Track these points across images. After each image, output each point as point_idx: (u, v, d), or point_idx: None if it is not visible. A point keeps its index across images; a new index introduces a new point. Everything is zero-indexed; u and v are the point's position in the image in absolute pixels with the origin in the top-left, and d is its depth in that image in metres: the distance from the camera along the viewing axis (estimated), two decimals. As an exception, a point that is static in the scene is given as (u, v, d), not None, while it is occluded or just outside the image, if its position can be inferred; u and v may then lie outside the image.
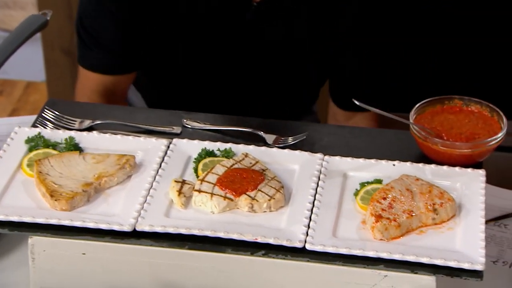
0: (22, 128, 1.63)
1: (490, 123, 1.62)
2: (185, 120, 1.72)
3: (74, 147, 1.60)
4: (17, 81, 3.60)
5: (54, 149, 1.59)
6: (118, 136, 1.64)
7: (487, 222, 1.69)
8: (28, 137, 1.61)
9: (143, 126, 1.70)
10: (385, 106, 1.62)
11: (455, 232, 1.43)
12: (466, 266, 1.35)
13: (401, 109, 1.76)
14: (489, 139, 1.57)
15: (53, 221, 1.44)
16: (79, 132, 1.64)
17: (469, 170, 1.55)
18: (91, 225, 1.44)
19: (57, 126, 1.68)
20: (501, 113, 1.62)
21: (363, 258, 1.39)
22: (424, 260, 1.37)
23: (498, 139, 1.57)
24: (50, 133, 1.63)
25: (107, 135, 1.64)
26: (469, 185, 1.51)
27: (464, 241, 1.40)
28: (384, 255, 1.38)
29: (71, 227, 1.44)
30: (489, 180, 1.56)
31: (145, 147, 1.61)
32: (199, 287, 1.47)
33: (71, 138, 1.61)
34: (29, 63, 3.32)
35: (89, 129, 1.68)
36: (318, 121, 2.21)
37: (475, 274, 1.36)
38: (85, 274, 1.49)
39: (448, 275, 1.36)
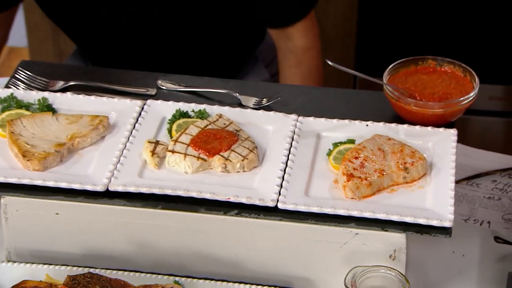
0: (-6, 89, 1.62)
1: (462, 83, 1.63)
2: (160, 82, 1.72)
3: (47, 108, 1.59)
4: (0, 47, 3.57)
5: (27, 110, 1.59)
6: (92, 97, 1.63)
7: (459, 181, 1.71)
8: (1, 98, 1.60)
9: (118, 88, 1.69)
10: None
11: (426, 190, 1.44)
12: (435, 223, 1.37)
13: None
14: (461, 99, 1.58)
15: (26, 181, 1.44)
16: (52, 93, 1.63)
17: (441, 129, 1.56)
18: (64, 185, 1.44)
19: (30, 87, 1.67)
20: (474, 73, 1.62)
21: (335, 217, 1.40)
22: (394, 217, 1.38)
23: (470, 99, 1.58)
24: (23, 94, 1.62)
25: (80, 96, 1.63)
26: (441, 145, 1.53)
27: (434, 199, 1.42)
28: (355, 213, 1.39)
29: (44, 187, 1.45)
30: (462, 141, 1.57)
31: (119, 108, 1.61)
32: (173, 247, 1.48)
33: (44, 99, 1.60)
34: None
35: (63, 90, 1.67)
36: (258, 60, 2.18)
37: (444, 231, 1.37)
38: (59, 234, 1.49)
39: (417, 232, 1.38)
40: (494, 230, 1.61)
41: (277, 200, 1.42)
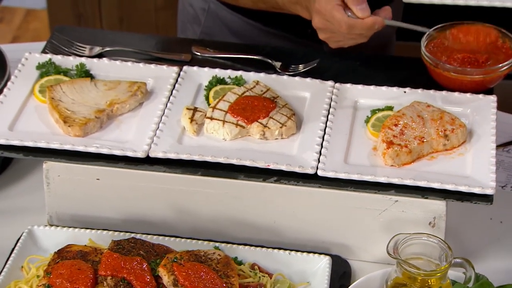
0: (33, 54, 1.63)
1: (501, 49, 1.61)
2: (194, 48, 1.71)
3: (85, 73, 1.60)
4: (17, 8, 3.56)
5: (65, 75, 1.59)
6: (129, 63, 1.63)
7: (496, 148, 1.70)
8: (39, 63, 1.60)
9: (153, 54, 1.69)
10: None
11: (466, 157, 1.44)
12: (476, 190, 1.37)
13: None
14: (501, 65, 1.57)
15: (67, 147, 1.45)
16: (89, 59, 1.63)
17: (480, 96, 1.55)
18: (105, 151, 1.45)
19: (67, 53, 1.67)
20: (513, 38, 1.61)
21: (374, 184, 1.41)
22: (435, 185, 1.38)
23: (510, 65, 1.57)
24: (61, 59, 1.63)
25: (117, 62, 1.63)
26: (480, 111, 1.52)
27: (474, 167, 1.42)
28: (395, 181, 1.39)
29: (85, 153, 1.46)
30: (498, 107, 1.56)
31: (155, 75, 1.61)
32: (212, 213, 1.49)
33: (82, 65, 1.61)
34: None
35: (99, 55, 1.67)
36: None
37: (485, 198, 1.38)
38: (99, 199, 1.51)
39: (458, 199, 1.38)
40: (531, 197, 1.60)
41: (317, 168, 1.42)
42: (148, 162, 1.46)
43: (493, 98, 1.54)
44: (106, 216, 1.52)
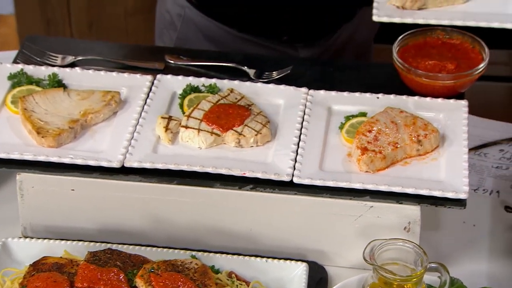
0: (4, 64, 1.61)
1: (471, 54, 1.63)
2: (167, 56, 1.71)
3: (58, 83, 1.59)
4: (-16, 14, 3.52)
5: (38, 85, 1.58)
6: (102, 72, 1.62)
7: (468, 151, 1.72)
8: (11, 74, 1.59)
9: (126, 62, 1.68)
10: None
11: (439, 162, 1.46)
12: (450, 195, 1.39)
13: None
14: (471, 70, 1.59)
15: (41, 158, 1.44)
16: (62, 69, 1.62)
17: (452, 101, 1.57)
18: (79, 161, 1.44)
19: (39, 62, 1.66)
20: (483, 44, 1.63)
21: (350, 190, 1.42)
22: (409, 190, 1.40)
23: (480, 70, 1.59)
24: (33, 69, 1.61)
25: (90, 71, 1.62)
26: (452, 116, 1.54)
27: (447, 171, 1.43)
28: (370, 187, 1.40)
29: (59, 164, 1.45)
30: (470, 110, 1.58)
31: (129, 83, 1.60)
32: (188, 222, 1.49)
33: (55, 75, 1.60)
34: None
35: (72, 65, 1.66)
36: None
37: (459, 203, 1.39)
38: (74, 210, 1.50)
39: (432, 204, 1.40)
40: (503, 199, 1.63)
41: (292, 175, 1.43)
42: (123, 172, 1.45)
43: (464, 103, 1.57)
44: (82, 227, 1.51)
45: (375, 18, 1.53)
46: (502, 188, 1.66)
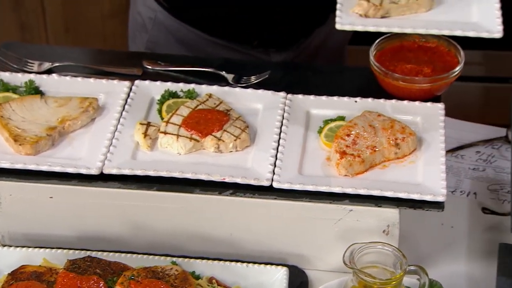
0: (-20, 73, 1.60)
1: (447, 57, 1.65)
2: (145, 61, 1.70)
3: (34, 90, 1.58)
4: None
5: (14, 92, 1.57)
6: (79, 79, 1.62)
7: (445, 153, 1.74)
8: (-13, 82, 1.58)
9: (103, 68, 1.68)
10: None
11: (417, 165, 1.47)
12: (428, 198, 1.40)
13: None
14: (447, 74, 1.60)
15: (19, 166, 1.43)
16: (38, 75, 1.61)
17: (429, 104, 1.58)
18: (57, 169, 1.43)
19: (15, 69, 1.64)
20: (458, 47, 1.65)
21: (329, 194, 1.42)
22: (388, 194, 1.41)
23: (456, 73, 1.61)
24: (9, 76, 1.60)
25: (67, 77, 1.62)
26: (429, 119, 1.55)
27: (425, 174, 1.44)
28: (350, 191, 1.41)
29: (37, 171, 1.44)
30: (445, 112, 1.59)
31: (107, 90, 1.60)
32: (168, 227, 1.49)
33: (31, 82, 1.59)
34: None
35: (48, 71, 1.65)
36: None
37: (437, 205, 1.40)
38: (52, 217, 1.49)
39: (411, 207, 1.41)
40: (480, 201, 1.64)
41: (272, 180, 1.43)
42: (102, 178, 1.45)
43: (441, 106, 1.58)
44: (60, 234, 1.50)
45: (338, 26, 1.55)
46: (479, 190, 1.67)
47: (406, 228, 1.55)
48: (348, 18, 1.56)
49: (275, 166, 1.46)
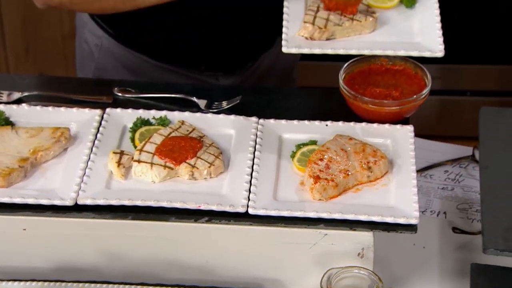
0: None
1: (415, 80, 1.68)
2: (115, 89, 1.70)
3: (5, 121, 1.56)
4: None
5: (-16, 124, 1.56)
6: (50, 108, 1.61)
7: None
8: (-44, 114, 1.56)
9: (73, 97, 1.67)
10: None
11: (389, 188, 1.49)
12: (401, 221, 1.42)
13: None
14: (415, 96, 1.63)
15: (-9, 199, 1.42)
16: (8, 105, 1.60)
17: (398, 126, 1.61)
18: (31, 201, 1.42)
19: (-16, 100, 1.63)
20: (425, 69, 1.68)
21: (304, 219, 1.44)
22: (362, 217, 1.42)
23: (424, 95, 1.64)
24: (-22, 108, 1.59)
25: (38, 107, 1.61)
26: (399, 142, 1.58)
27: (398, 197, 1.47)
28: (325, 215, 1.43)
29: (10, 204, 1.42)
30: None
31: (78, 119, 1.59)
32: (143, 256, 1.49)
33: (1, 112, 1.57)
34: None
35: (18, 101, 1.64)
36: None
37: (410, 227, 1.43)
38: (26, 249, 1.48)
39: (385, 230, 1.43)
40: (450, 220, 1.68)
41: (247, 206, 1.44)
42: (77, 209, 1.44)
43: (410, 128, 1.61)
44: (35, 266, 1.49)
45: (284, 49, 1.58)
46: (448, 209, 1.70)
47: (380, 249, 1.56)
48: (294, 42, 1.59)
49: (249, 192, 1.47)
